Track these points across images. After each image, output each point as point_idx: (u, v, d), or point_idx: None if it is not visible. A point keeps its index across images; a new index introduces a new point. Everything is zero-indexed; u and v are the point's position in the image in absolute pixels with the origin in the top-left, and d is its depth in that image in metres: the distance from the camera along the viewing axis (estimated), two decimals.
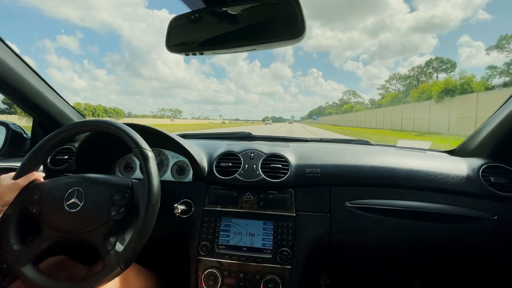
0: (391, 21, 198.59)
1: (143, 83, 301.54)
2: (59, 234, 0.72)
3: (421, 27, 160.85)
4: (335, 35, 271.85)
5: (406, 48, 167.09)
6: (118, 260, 0.66)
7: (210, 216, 0.93)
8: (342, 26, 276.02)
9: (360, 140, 1.39)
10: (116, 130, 0.77)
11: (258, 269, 0.86)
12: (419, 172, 0.93)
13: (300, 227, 0.89)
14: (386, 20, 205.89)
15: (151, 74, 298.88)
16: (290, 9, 0.54)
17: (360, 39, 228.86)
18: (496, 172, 0.92)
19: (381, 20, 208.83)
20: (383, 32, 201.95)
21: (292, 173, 0.95)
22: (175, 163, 1.10)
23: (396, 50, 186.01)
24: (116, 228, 0.72)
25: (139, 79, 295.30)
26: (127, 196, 0.72)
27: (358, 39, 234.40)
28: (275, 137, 1.42)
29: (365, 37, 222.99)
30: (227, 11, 0.59)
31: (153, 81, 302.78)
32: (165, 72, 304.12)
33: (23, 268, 0.68)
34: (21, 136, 1.26)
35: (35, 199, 0.73)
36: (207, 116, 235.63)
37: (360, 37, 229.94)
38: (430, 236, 0.87)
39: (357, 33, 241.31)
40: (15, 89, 1.02)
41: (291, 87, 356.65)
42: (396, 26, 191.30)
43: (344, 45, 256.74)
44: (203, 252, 0.89)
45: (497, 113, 0.98)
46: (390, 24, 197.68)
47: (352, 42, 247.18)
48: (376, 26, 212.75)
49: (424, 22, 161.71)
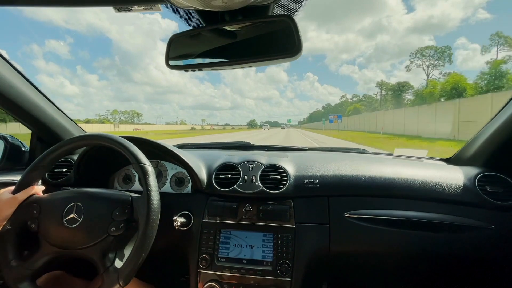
0: (389, 22, 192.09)
1: (136, 88, 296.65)
2: (58, 249, 0.71)
3: (419, 28, 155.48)
4: (330, 38, 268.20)
5: (403, 50, 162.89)
6: (117, 276, 0.66)
7: (209, 228, 0.93)
8: (338, 27, 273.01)
9: (358, 149, 1.41)
10: (115, 145, 0.77)
11: (258, 281, 0.85)
12: (416, 182, 0.94)
13: (299, 238, 0.89)
14: (383, 21, 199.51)
15: (144, 79, 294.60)
16: (286, 27, 0.55)
17: (357, 41, 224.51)
18: (492, 181, 0.93)
19: (378, 21, 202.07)
20: (380, 33, 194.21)
21: (291, 184, 0.96)
22: (174, 175, 1.10)
23: (393, 53, 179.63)
24: (115, 244, 0.71)
25: (132, 84, 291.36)
26: (126, 211, 0.72)
27: (355, 41, 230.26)
28: (274, 146, 1.43)
29: (362, 39, 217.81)
30: (225, 30, 0.61)
31: (146, 86, 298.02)
32: (158, 77, 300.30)
33: (20, 285, 0.68)
34: (20, 149, 1.26)
35: (34, 214, 0.73)
36: (183, 121, 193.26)
37: (357, 39, 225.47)
38: (429, 246, 0.87)
39: (353, 35, 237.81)
40: (13, 103, 1.02)
41: (287, 91, 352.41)
42: (394, 27, 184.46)
43: (340, 48, 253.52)
44: (202, 265, 0.88)
45: (492, 121, 1.00)
46: (387, 25, 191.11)
47: (348, 44, 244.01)
48: (373, 27, 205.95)
49: (422, 23, 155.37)
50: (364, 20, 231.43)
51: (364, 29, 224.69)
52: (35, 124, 1.16)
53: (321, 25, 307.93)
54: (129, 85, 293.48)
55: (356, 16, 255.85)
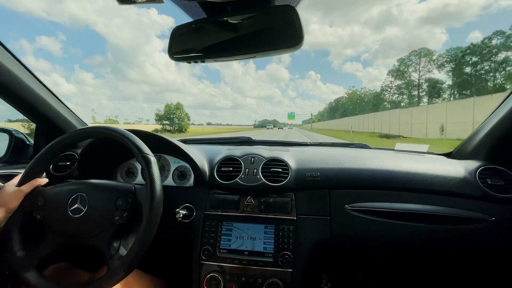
0: (399, 11, 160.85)
1: (133, 87, 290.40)
2: (63, 239, 0.73)
3: (433, 17, 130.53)
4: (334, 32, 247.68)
5: (411, 45, 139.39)
6: (122, 264, 0.67)
7: (211, 221, 0.94)
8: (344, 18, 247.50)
9: (359, 144, 1.41)
10: (118, 136, 0.78)
11: (259, 272, 0.86)
12: (417, 174, 0.95)
13: (300, 230, 0.90)
14: (393, 11, 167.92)
15: (140, 77, 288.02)
16: (288, 18, 0.56)
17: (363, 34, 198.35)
18: (493, 174, 0.93)
19: (388, 10, 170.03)
20: (389, 25, 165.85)
21: (292, 177, 0.96)
22: (176, 168, 1.11)
23: (401, 48, 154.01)
24: (120, 233, 0.73)
25: (127, 82, 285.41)
26: (130, 200, 0.73)
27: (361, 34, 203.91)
28: (275, 141, 1.44)
29: (369, 32, 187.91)
30: (227, 21, 0.62)
31: (143, 85, 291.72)
32: (155, 75, 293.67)
33: (27, 274, 0.69)
34: (24, 142, 1.27)
35: (39, 205, 0.74)
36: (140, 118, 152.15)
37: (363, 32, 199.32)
38: (429, 238, 0.88)
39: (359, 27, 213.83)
40: (18, 96, 1.03)
41: (289, 90, 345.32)
42: (405, 17, 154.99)
43: (344, 42, 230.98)
44: (205, 257, 0.90)
45: (492, 115, 1.00)
46: (397, 15, 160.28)
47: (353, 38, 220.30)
48: (381, 17, 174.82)
49: (436, 12, 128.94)
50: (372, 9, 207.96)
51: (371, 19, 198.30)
52: (40, 117, 1.17)
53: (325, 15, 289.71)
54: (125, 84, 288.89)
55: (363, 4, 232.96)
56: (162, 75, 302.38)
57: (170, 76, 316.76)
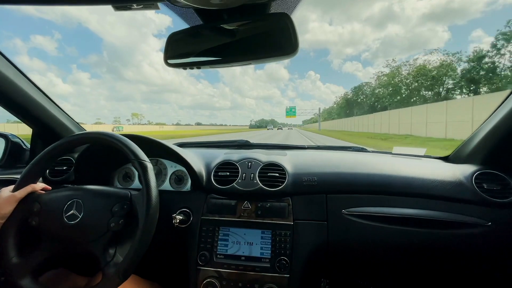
0: (401, 8, 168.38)
1: (131, 87, 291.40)
2: (59, 246, 0.72)
3: (436, 14, 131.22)
4: (334, 29, 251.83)
5: (413, 44, 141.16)
6: (117, 271, 0.66)
7: (208, 226, 0.94)
8: (344, 15, 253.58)
9: (356, 147, 1.41)
10: (115, 142, 0.78)
11: (256, 278, 0.86)
12: (414, 179, 0.95)
13: (297, 235, 0.90)
14: (395, 8, 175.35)
15: (137, 77, 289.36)
16: (283, 26, 0.56)
17: (364, 32, 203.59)
18: (489, 179, 0.94)
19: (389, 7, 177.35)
20: (391, 22, 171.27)
21: (289, 182, 0.96)
22: (173, 173, 1.11)
23: (402, 47, 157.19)
24: (115, 239, 0.72)
25: (125, 82, 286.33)
26: (126, 207, 0.73)
27: (362, 32, 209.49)
28: (273, 145, 1.44)
29: (370, 30, 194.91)
30: (223, 28, 0.62)
31: (140, 85, 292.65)
32: (152, 75, 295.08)
33: (22, 281, 0.68)
34: (20, 147, 1.27)
35: (35, 211, 0.74)
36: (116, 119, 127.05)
37: (364, 30, 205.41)
38: (426, 243, 0.88)
39: (360, 25, 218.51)
40: (13, 101, 1.03)
41: (288, 90, 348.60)
42: (407, 14, 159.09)
43: (344, 41, 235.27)
44: (201, 262, 0.89)
45: (489, 119, 1.01)
46: (399, 12, 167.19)
47: (354, 36, 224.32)
48: (383, 15, 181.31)
49: (439, 8, 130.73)
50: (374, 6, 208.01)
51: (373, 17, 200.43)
52: (36, 122, 1.17)
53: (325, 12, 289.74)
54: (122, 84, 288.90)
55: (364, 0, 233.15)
56: (160, 75, 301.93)
57: (167, 76, 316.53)
